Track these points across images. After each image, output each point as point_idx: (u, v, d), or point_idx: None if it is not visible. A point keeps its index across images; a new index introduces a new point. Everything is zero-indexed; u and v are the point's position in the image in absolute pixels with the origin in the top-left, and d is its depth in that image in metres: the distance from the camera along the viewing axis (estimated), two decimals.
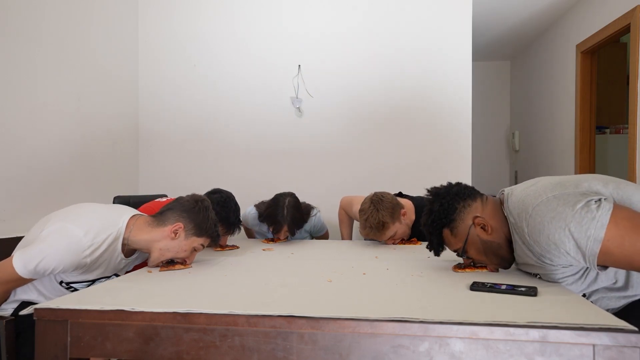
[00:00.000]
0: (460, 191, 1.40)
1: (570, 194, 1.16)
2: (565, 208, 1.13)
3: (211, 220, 1.61)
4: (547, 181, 1.27)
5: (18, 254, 1.37)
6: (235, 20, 3.34)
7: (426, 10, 3.20)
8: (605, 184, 1.20)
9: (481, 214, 1.35)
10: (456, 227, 1.37)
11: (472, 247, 1.38)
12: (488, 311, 1.00)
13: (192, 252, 1.61)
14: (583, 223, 1.09)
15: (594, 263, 1.11)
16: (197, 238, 1.58)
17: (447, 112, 3.18)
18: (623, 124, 4.03)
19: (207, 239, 1.61)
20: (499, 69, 5.79)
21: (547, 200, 1.17)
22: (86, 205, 1.61)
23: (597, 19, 3.50)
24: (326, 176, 3.27)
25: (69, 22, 2.64)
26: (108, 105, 3.04)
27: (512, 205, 1.29)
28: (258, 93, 3.33)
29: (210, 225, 1.60)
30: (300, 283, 1.33)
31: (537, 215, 1.18)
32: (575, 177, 1.25)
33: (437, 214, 1.39)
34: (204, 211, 1.60)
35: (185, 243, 1.57)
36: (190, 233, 1.57)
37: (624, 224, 1.06)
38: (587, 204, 1.11)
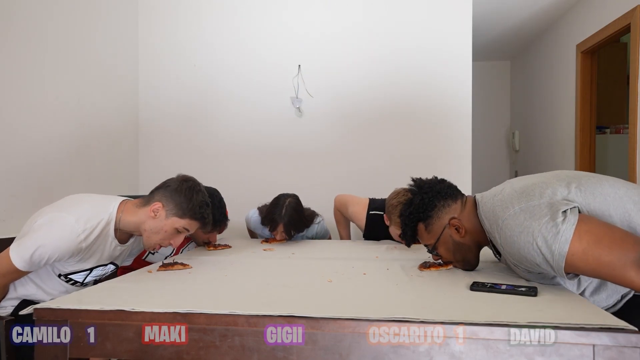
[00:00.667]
0: (442, 190, 1.43)
1: (535, 205, 1.17)
2: (531, 222, 1.15)
3: (196, 201, 1.52)
4: (511, 189, 1.28)
5: (13, 246, 1.37)
6: (236, 20, 3.34)
7: (426, 11, 3.20)
8: (567, 184, 1.21)
9: (458, 215, 1.39)
10: (431, 224, 1.41)
11: (443, 245, 1.42)
12: (488, 311, 1.00)
13: (176, 234, 1.53)
14: (548, 238, 1.11)
15: (563, 275, 1.12)
16: (178, 219, 1.51)
17: (447, 112, 3.18)
18: (623, 124, 4.03)
19: (191, 221, 1.52)
20: (499, 69, 5.78)
21: (515, 214, 1.19)
22: (77, 195, 1.61)
23: (597, 19, 3.50)
24: (326, 176, 3.27)
25: (69, 22, 2.64)
26: (108, 105, 3.04)
27: (485, 213, 1.32)
28: (258, 93, 3.32)
29: (192, 206, 1.51)
30: (300, 283, 1.33)
31: (506, 228, 1.21)
32: (539, 181, 1.25)
33: (416, 207, 1.42)
34: (188, 191, 1.52)
35: (166, 223, 1.50)
36: (171, 213, 1.50)
37: (587, 238, 1.08)
38: (552, 217, 1.12)
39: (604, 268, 1.07)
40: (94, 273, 1.56)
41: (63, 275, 1.50)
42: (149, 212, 1.50)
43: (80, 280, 1.54)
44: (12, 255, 1.35)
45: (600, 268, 1.07)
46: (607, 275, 1.08)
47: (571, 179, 1.24)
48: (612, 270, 1.06)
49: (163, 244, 1.54)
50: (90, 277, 1.56)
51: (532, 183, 1.26)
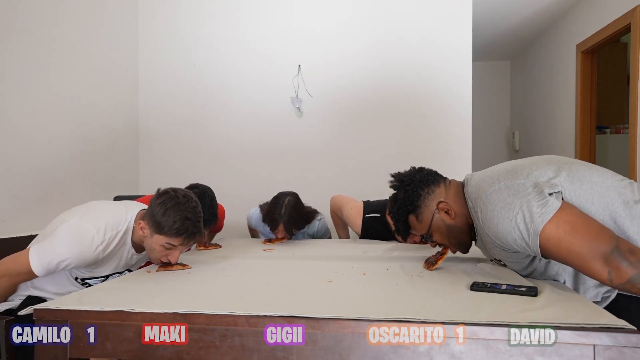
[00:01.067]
0: (423, 178, 1.44)
1: (520, 184, 1.20)
2: (514, 199, 1.17)
3: (172, 217, 1.42)
4: (502, 167, 1.32)
5: (33, 249, 1.39)
6: (236, 20, 3.34)
7: (426, 11, 3.20)
8: (557, 169, 1.23)
9: (444, 198, 1.40)
10: (421, 213, 1.42)
11: (436, 231, 1.42)
12: (488, 311, 1.00)
13: (168, 250, 1.47)
14: (527, 217, 1.13)
15: (538, 252, 1.15)
16: (159, 236, 1.44)
17: (447, 112, 3.18)
18: (623, 124, 4.03)
19: (172, 238, 1.44)
20: (499, 69, 5.78)
21: (499, 189, 1.22)
22: (99, 203, 1.62)
23: (597, 19, 3.50)
24: (326, 175, 3.27)
25: (69, 22, 2.64)
26: (108, 105, 3.04)
27: (471, 189, 1.33)
28: (258, 93, 3.32)
29: (169, 223, 1.42)
30: (300, 283, 1.32)
31: (488, 203, 1.23)
32: (528, 163, 1.28)
33: (402, 201, 1.43)
34: (161, 207, 1.43)
35: (153, 241, 1.46)
36: (153, 230, 1.45)
37: (564, 227, 1.10)
38: (535, 197, 1.15)
39: (574, 257, 1.09)
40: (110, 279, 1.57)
41: (80, 279, 1.51)
42: (138, 230, 1.50)
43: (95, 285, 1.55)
44: (32, 259, 1.36)
45: (570, 257, 1.10)
46: (575, 264, 1.11)
47: (562, 164, 1.26)
48: (581, 261, 1.08)
49: (163, 260, 1.51)
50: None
51: (522, 164, 1.29)
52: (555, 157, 1.32)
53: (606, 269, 1.05)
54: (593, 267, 1.07)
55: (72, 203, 2.64)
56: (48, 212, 2.45)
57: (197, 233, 1.49)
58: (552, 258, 1.17)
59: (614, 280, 1.04)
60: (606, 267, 1.05)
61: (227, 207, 2.56)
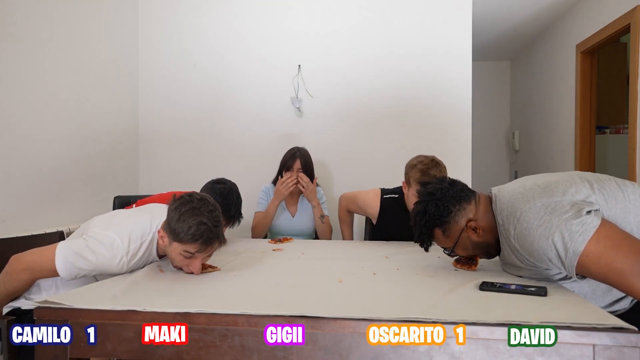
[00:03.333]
0: (456, 194, 1.40)
1: (558, 202, 1.18)
2: (552, 217, 1.16)
3: (187, 223, 1.35)
4: (533, 183, 1.30)
5: (63, 248, 1.37)
6: (236, 20, 3.34)
7: (426, 11, 3.20)
8: (591, 185, 1.22)
9: (474, 216, 1.38)
10: (449, 229, 1.39)
11: (461, 247, 1.41)
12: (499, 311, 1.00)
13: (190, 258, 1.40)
14: (566, 235, 1.12)
15: (573, 273, 1.13)
16: (177, 244, 1.37)
17: (447, 112, 3.18)
18: (623, 124, 4.03)
19: (190, 245, 1.36)
20: (499, 69, 5.78)
21: (535, 207, 1.20)
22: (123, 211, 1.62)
23: (597, 19, 3.50)
24: (326, 176, 3.27)
25: (68, 22, 2.64)
26: (108, 105, 3.04)
27: (502, 206, 1.32)
28: (258, 93, 3.32)
29: (186, 229, 1.35)
30: (311, 283, 1.32)
31: (524, 220, 1.21)
32: (562, 180, 1.26)
33: (431, 215, 1.39)
34: (176, 213, 1.38)
35: (172, 249, 1.40)
36: (171, 239, 1.39)
37: (604, 242, 1.09)
38: (573, 216, 1.13)
39: (614, 274, 1.07)
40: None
41: None
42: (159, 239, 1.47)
43: None
44: (58, 259, 1.35)
45: (610, 273, 1.08)
46: (615, 281, 1.09)
47: (594, 181, 1.24)
48: (622, 278, 1.06)
49: (186, 270, 1.44)
50: None
51: (555, 180, 1.27)
52: (586, 173, 1.31)
53: None
54: (635, 284, 1.05)
55: (72, 203, 2.66)
56: (48, 212, 2.45)
57: (215, 239, 1.39)
58: (589, 275, 1.14)
59: None
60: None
61: None
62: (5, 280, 1.39)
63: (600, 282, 1.16)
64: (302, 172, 2.48)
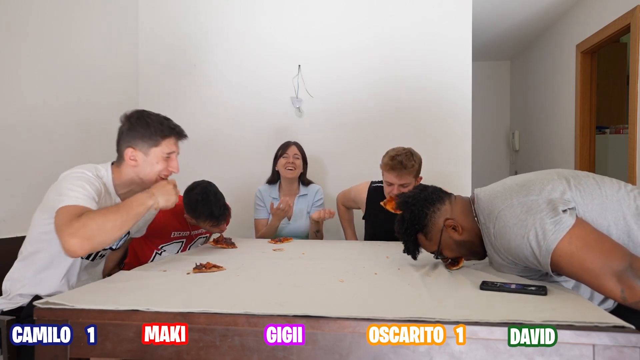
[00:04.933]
0: (427, 196, 1.44)
1: (534, 200, 1.20)
2: (527, 216, 1.18)
3: (153, 123, 1.51)
4: (513, 182, 1.33)
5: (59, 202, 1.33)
6: (235, 20, 3.34)
7: (426, 11, 3.20)
8: (568, 182, 1.23)
9: (451, 215, 1.40)
10: (429, 232, 1.42)
11: (446, 248, 1.43)
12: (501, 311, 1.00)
13: (166, 160, 1.54)
14: (539, 234, 1.14)
15: (549, 270, 1.16)
16: (155, 148, 1.51)
17: (447, 112, 3.18)
18: (623, 124, 4.03)
19: (167, 140, 1.52)
20: (499, 69, 5.78)
21: (512, 205, 1.23)
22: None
23: (597, 19, 3.50)
24: (326, 176, 3.27)
25: (69, 22, 2.64)
26: (108, 105, 3.04)
27: (482, 205, 1.34)
28: (258, 93, 3.32)
29: (155, 129, 1.50)
30: (313, 283, 1.32)
31: (501, 219, 1.24)
32: (540, 178, 1.28)
33: (409, 222, 1.43)
34: (141, 121, 1.51)
35: (151, 158, 1.51)
36: (146, 147, 1.50)
37: (576, 242, 1.11)
38: (548, 215, 1.15)
39: (586, 274, 1.10)
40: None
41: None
42: (129, 164, 1.52)
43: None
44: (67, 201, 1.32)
45: (582, 273, 1.10)
46: (587, 281, 1.11)
47: (571, 177, 1.26)
48: (594, 278, 1.08)
49: (163, 175, 1.55)
50: None
51: (533, 178, 1.29)
52: (566, 170, 1.32)
53: (619, 287, 1.05)
54: (605, 285, 1.06)
55: None
56: None
57: (183, 132, 1.58)
58: (565, 274, 1.17)
59: (627, 299, 1.04)
60: (619, 286, 1.05)
61: None
62: None
63: (576, 280, 1.18)
64: (297, 158, 2.58)
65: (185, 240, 2.20)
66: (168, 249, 2.16)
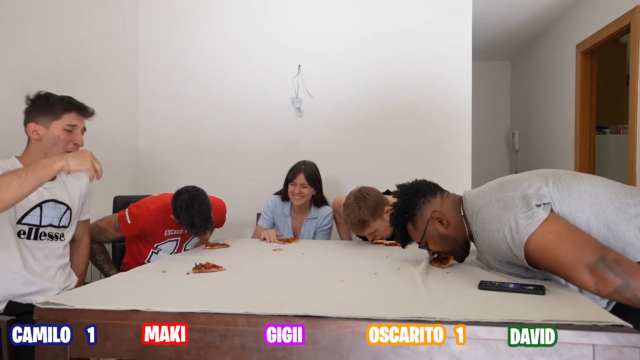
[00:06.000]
0: (421, 188, 1.51)
1: (509, 197, 1.24)
2: (502, 212, 1.22)
3: (53, 99, 1.57)
4: (495, 182, 1.38)
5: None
6: (235, 21, 3.34)
7: (426, 11, 3.20)
8: (545, 179, 1.27)
9: (439, 209, 1.46)
10: (417, 222, 1.49)
11: (430, 239, 1.48)
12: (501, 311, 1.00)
13: (69, 134, 1.57)
14: (513, 228, 1.18)
15: (525, 263, 1.19)
16: (57, 122, 1.55)
17: (447, 112, 3.18)
18: (623, 124, 4.03)
19: (68, 114, 1.57)
20: (499, 69, 5.78)
21: (490, 202, 1.28)
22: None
23: (597, 19, 3.50)
24: (326, 176, 3.27)
25: (69, 22, 2.64)
26: (108, 106, 3.04)
27: (467, 204, 1.40)
28: (258, 93, 3.33)
29: (55, 103, 1.55)
30: (313, 283, 1.32)
31: (481, 216, 1.29)
32: (518, 177, 1.33)
33: (399, 209, 1.51)
34: (42, 98, 1.57)
35: (52, 132, 1.54)
36: (47, 121, 1.55)
37: (548, 237, 1.13)
38: (522, 209, 1.19)
39: (560, 268, 1.12)
40: (46, 212, 1.60)
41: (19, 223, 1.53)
42: (33, 139, 1.55)
43: (36, 223, 1.57)
44: None
45: (557, 267, 1.13)
46: (563, 275, 1.13)
47: (550, 175, 1.29)
48: (568, 271, 1.11)
49: (68, 149, 1.57)
50: (45, 217, 1.60)
51: (512, 178, 1.34)
52: (545, 170, 1.36)
53: (592, 279, 1.06)
54: (579, 278, 1.08)
55: None
56: None
57: (86, 109, 1.64)
58: (541, 269, 1.20)
59: (601, 291, 1.06)
60: (592, 278, 1.06)
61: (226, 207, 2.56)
62: None
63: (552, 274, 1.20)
64: (305, 187, 2.44)
65: (180, 238, 2.20)
66: (163, 248, 2.16)
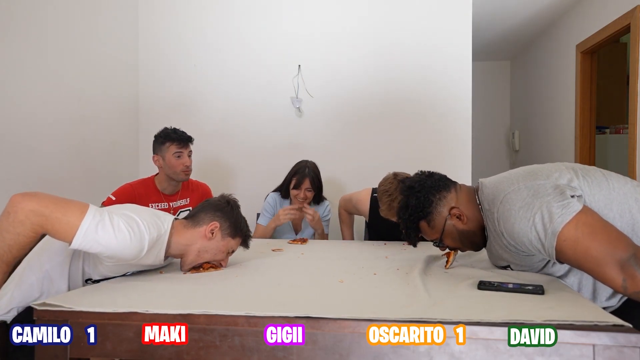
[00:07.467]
0: (434, 184, 1.42)
1: (541, 184, 1.20)
2: (534, 199, 1.17)
3: (243, 219, 1.58)
4: (520, 170, 1.33)
5: (91, 218, 1.18)
6: (236, 20, 3.34)
7: (426, 10, 3.20)
8: (575, 172, 1.24)
9: (456, 204, 1.38)
10: (433, 220, 1.40)
11: (448, 237, 1.41)
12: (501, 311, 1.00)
13: (226, 255, 1.56)
14: (546, 216, 1.13)
15: (553, 254, 1.14)
16: (231, 239, 1.53)
17: (447, 112, 3.18)
18: (623, 124, 4.03)
19: (239, 240, 1.57)
20: (499, 69, 5.78)
21: (518, 189, 1.22)
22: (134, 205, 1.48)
23: (597, 19, 3.50)
24: (326, 176, 3.26)
25: (69, 21, 2.64)
26: (108, 105, 3.04)
27: (487, 191, 1.33)
28: (258, 93, 3.32)
29: (242, 226, 1.56)
30: (312, 283, 1.32)
31: (507, 202, 1.22)
32: (547, 166, 1.29)
33: (413, 208, 1.40)
34: (236, 211, 1.57)
35: (222, 244, 1.51)
36: (226, 233, 1.52)
37: (582, 229, 1.09)
38: (556, 197, 1.14)
39: (589, 261, 1.08)
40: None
41: (91, 280, 1.41)
42: (204, 233, 1.46)
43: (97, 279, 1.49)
44: (85, 221, 1.16)
45: (586, 260, 1.09)
46: (590, 269, 1.10)
47: (578, 168, 1.26)
48: (597, 265, 1.07)
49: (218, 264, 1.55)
50: None
51: (541, 167, 1.30)
52: (572, 163, 1.32)
53: (621, 276, 1.04)
54: (607, 273, 1.06)
55: None
56: None
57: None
58: (567, 261, 1.15)
59: (628, 288, 1.04)
60: (621, 275, 1.04)
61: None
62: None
63: (576, 268, 1.16)
64: (310, 191, 2.43)
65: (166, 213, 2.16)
66: None
